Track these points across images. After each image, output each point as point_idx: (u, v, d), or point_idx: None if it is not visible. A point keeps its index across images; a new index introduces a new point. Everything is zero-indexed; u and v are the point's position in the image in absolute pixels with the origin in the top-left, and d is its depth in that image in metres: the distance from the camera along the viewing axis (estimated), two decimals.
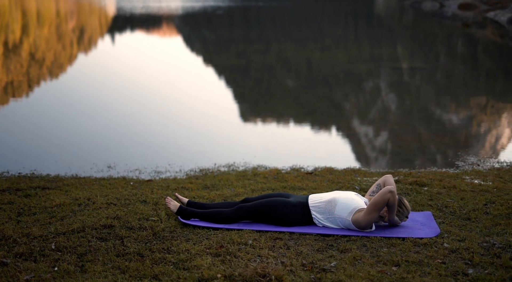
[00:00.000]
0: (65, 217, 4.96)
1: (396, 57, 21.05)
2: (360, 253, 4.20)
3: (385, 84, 15.05)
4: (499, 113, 11.65)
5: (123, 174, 6.84)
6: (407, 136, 9.57)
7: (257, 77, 16.51)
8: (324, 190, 5.84)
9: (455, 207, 5.24)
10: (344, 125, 10.58)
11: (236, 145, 8.55)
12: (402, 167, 7.43)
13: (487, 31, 32.04)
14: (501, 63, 20.21)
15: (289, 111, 11.21)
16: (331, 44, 25.95)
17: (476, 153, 7.78)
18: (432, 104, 12.61)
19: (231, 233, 4.62)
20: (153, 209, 5.19)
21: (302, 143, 8.90)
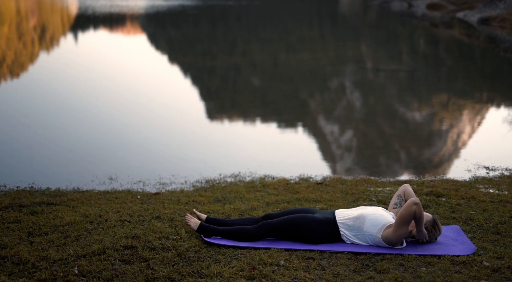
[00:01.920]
0: (79, 236, 4.69)
1: (363, 57, 21.11)
2: (399, 273, 4.04)
3: (351, 83, 15.12)
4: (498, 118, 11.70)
5: (126, 186, 6.57)
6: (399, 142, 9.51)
7: (223, 76, 16.31)
8: (340, 202, 5.68)
9: (481, 220, 5.13)
10: (336, 128, 10.47)
11: (237, 153, 8.33)
12: (407, 174, 7.33)
13: (455, 31, 32.44)
14: (465, 61, 20.43)
15: (256, 110, 11.17)
16: (296, 43, 25.91)
17: (482, 160, 7.72)
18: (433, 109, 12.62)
19: (259, 252, 4.42)
20: (170, 225, 4.95)
21: (300, 149, 8.74)
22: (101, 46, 22.76)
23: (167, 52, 22.27)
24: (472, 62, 20.44)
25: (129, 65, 17.58)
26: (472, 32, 30.52)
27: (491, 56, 21.52)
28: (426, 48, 25.48)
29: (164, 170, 7.11)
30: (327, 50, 23.24)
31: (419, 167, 7.93)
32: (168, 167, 7.29)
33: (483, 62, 20.43)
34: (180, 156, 7.98)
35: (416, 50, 24.27)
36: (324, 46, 24.94)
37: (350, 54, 21.78)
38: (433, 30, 32.67)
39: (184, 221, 5.06)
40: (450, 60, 21.07)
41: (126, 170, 7.12)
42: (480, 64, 19.92)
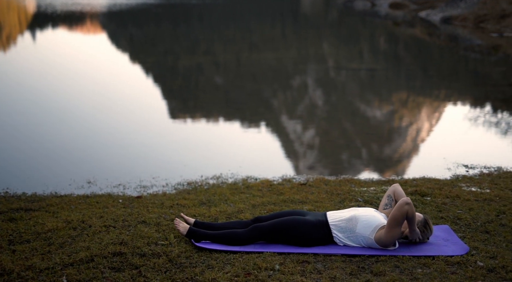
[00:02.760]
0: (64, 244, 4.52)
1: (326, 56, 21.24)
2: (396, 276, 4.00)
3: (313, 81, 15.19)
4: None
5: (106, 190, 6.39)
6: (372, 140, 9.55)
7: (186, 75, 16.17)
8: (326, 203, 5.63)
9: (469, 219, 5.14)
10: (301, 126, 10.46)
11: (216, 154, 8.21)
12: (390, 173, 7.34)
13: (416, 30, 32.89)
14: (426, 60, 20.72)
15: (221, 109, 11.13)
16: (259, 42, 25.90)
17: (460, 158, 7.79)
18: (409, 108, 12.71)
19: (252, 256, 4.33)
20: (157, 230, 4.82)
21: (277, 149, 8.68)
22: (60, 45, 22.30)
23: (128, 52, 21.94)
24: (432, 60, 20.72)
25: (90, 65, 17.25)
26: (434, 31, 30.98)
27: (451, 55, 21.85)
28: (388, 46, 25.78)
29: (144, 172, 6.94)
30: (290, 49, 23.26)
31: (397, 166, 7.97)
32: (147, 169, 7.13)
33: (443, 60, 20.72)
34: (159, 157, 7.82)
35: (378, 49, 24.53)
36: (287, 45, 24.96)
37: (313, 53, 21.85)
38: (395, 29, 33.06)
39: (171, 225, 4.94)
40: (411, 58, 21.33)
41: (104, 173, 6.93)
42: (440, 62, 20.20)
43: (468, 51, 22.39)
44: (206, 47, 22.91)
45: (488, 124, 10.20)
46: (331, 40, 27.50)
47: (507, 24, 27.94)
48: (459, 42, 25.89)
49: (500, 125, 10.22)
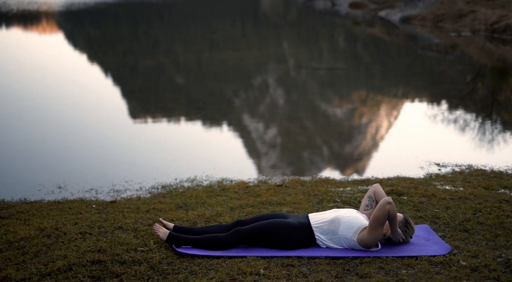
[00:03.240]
0: (39, 252, 4.36)
1: (287, 55, 21.30)
2: (382, 277, 3.98)
3: (273, 80, 15.23)
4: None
5: (78, 195, 6.22)
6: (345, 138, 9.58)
7: (146, 75, 16.02)
8: (305, 204, 5.59)
9: (447, 218, 5.17)
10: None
11: (188, 156, 8.09)
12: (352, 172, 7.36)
13: (376, 29, 33.29)
14: (384, 58, 21.00)
15: (181, 109, 11.08)
16: (220, 41, 25.81)
17: (431, 157, 7.86)
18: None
19: (235, 261, 4.25)
20: (135, 236, 4.70)
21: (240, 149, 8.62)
22: (15, 45, 21.74)
23: (86, 52, 21.52)
24: (391, 59, 21.00)
25: (47, 66, 16.85)
26: (392, 31, 31.39)
27: (409, 54, 22.18)
28: (348, 46, 26.02)
29: (116, 176, 6.78)
30: (251, 49, 23.23)
31: (368, 165, 7.99)
32: (119, 172, 6.96)
33: (401, 59, 21.02)
34: (129, 160, 7.65)
35: (338, 48, 24.73)
36: (248, 45, 24.92)
37: (273, 52, 21.87)
38: (355, 28, 33.39)
39: (150, 230, 4.82)
40: (370, 57, 21.56)
41: (74, 177, 6.74)
42: (398, 61, 20.48)
43: (425, 50, 22.75)
44: (167, 46, 22.73)
45: (449, 122, 10.35)
46: (291, 40, 27.58)
47: (464, 24, 28.46)
48: (417, 41, 26.28)
49: (461, 123, 10.37)
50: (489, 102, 12.78)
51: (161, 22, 34.72)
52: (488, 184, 6.37)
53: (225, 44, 24.34)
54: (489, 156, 8.03)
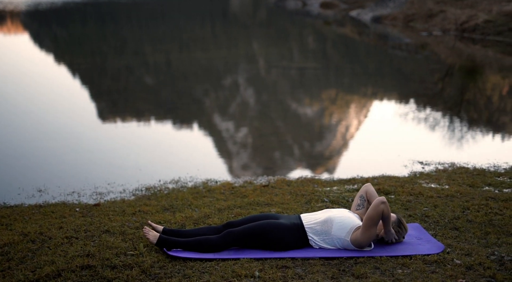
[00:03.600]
0: (24, 258, 4.22)
1: (257, 55, 21.30)
2: (378, 277, 3.94)
3: (244, 80, 15.21)
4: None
5: (60, 198, 6.05)
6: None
7: (114, 75, 15.82)
8: (293, 205, 5.53)
9: (436, 216, 5.16)
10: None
11: (170, 157, 7.97)
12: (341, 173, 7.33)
13: (347, 29, 33.50)
14: (355, 58, 21.14)
15: (151, 109, 11.05)
16: (189, 41, 25.65)
17: (414, 155, 7.88)
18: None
19: (228, 263, 4.17)
20: (123, 240, 4.58)
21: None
22: None
23: (53, 52, 21.14)
24: (361, 59, 21.14)
25: (12, 67, 16.50)
26: (363, 30, 31.62)
27: (379, 53, 22.37)
28: (318, 45, 26.12)
29: (98, 179, 6.63)
30: (221, 49, 23.11)
31: (353, 164, 7.98)
32: (101, 175, 6.81)
33: (371, 58, 21.17)
34: (111, 162, 7.50)
35: (309, 47, 24.80)
36: (221, 45, 24.80)
37: (243, 53, 21.82)
38: (326, 28, 33.54)
39: (138, 233, 4.72)
40: (340, 57, 21.68)
41: (55, 180, 6.57)
42: (368, 60, 20.63)
43: (396, 49, 22.95)
44: (135, 47, 22.50)
45: (421, 121, 10.43)
46: (262, 40, 27.57)
47: (434, 23, 28.79)
48: (387, 41, 26.50)
49: (433, 121, 10.45)
50: (459, 100, 12.93)
51: (129, 22, 34.38)
52: (472, 181, 6.40)
53: (194, 45, 24.18)
54: (469, 154, 8.08)
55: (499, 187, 6.21)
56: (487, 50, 21.69)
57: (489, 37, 24.03)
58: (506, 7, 26.01)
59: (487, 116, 11.37)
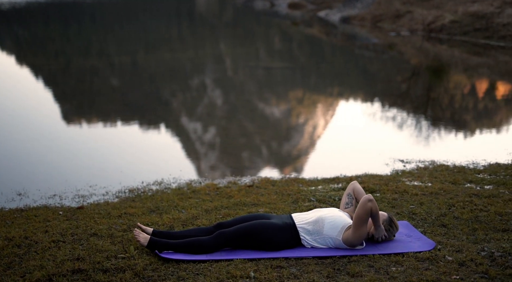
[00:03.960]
0: (11, 264, 4.11)
1: (224, 55, 21.27)
2: (373, 275, 3.95)
3: (211, 81, 15.17)
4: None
5: (41, 201, 5.92)
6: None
7: (79, 77, 15.60)
8: (280, 204, 5.51)
9: (423, 214, 5.20)
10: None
11: (150, 158, 7.88)
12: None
13: (314, 29, 33.70)
14: (321, 58, 21.31)
15: (118, 111, 10.98)
16: (155, 42, 25.45)
17: (394, 153, 7.95)
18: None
19: (222, 264, 4.13)
20: (112, 242, 4.50)
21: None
22: None
23: (15, 53, 20.70)
24: (328, 59, 21.30)
25: None
26: (331, 31, 31.83)
27: (346, 53, 22.57)
28: (286, 46, 26.21)
29: (80, 181, 6.51)
30: (189, 49, 22.97)
31: (336, 163, 8.00)
32: (82, 177, 6.68)
33: (338, 59, 21.35)
34: (90, 164, 7.37)
35: (276, 48, 24.86)
36: (186, 45, 24.66)
37: (210, 53, 21.73)
38: (293, 28, 33.67)
39: (126, 236, 4.64)
40: (307, 57, 21.78)
41: (34, 183, 6.42)
42: (335, 60, 20.80)
43: (363, 49, 23.18)
44: (100, 47, 22.23)
45: (388, 119, 10.57)
46: (229, 40, 27.52)
47: (402, 24, 29.13)
48: (355, 41, 26.75)
49: (404, 120, 10.59)
50: (425, 99, 13.13)
51: (93, 22, 33.94)
52: (454, 178, 6.47)
53: (161, 45, 23.98)
54: (448, 152, 8.16)
55: (480, 184, 6.29)
56: (454, 50, 22.06)
57: (456, 37, 24.43)
58: (471, 8, 26.48)
59: (454, 115, 11.54)
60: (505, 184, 6.20)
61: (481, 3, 26.87)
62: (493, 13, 24.70)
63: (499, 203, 5.43)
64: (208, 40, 27.41)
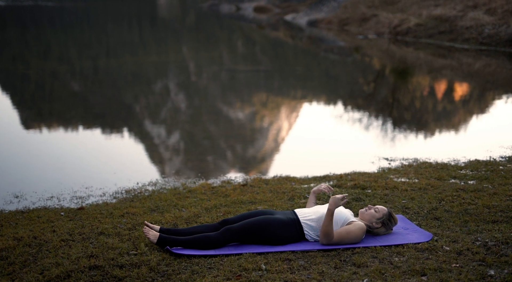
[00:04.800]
0: (26, 262, 4.19)
1: (187, 60, 21.40)
2: (379, 265, 4.15)
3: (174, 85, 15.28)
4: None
5: (39, 203, 5.97)
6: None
7: (37, 82, 15.52)
8: (277, 202, 5.68)
9: (415, 208, 5.45)
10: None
11: (138, 160, 7.97)
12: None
13: (280, 32, 34.08)
14: (285, 61, 21.64)
15: (77, 115, 11.03)
16: (116, 46, 25.39)
17: (379, 152, 8.21)
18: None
19: (232, 259, 4.28)
20: (121, 240, 4.62)
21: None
22: None
23: None
24: (291, 62, 21.63)
25: None
26: (296, 34, 32.23)
27: (311, 56, 22.94)
28: (250, 49, 26.47)
29: (75, 183, 6.57)
30: (152, 54, 22.96)
31: (327, 163, 8.22)
32: (77, 179, 6.74)
33: (303, 62, 21.70)
34: (86, 167, 7.43)
35: (240, 51, 25.10)
36: (151, 50, 24.65)
37: (174, 57, 21.77)
38: (259, 32, 33.96)
39: (133, 234, 4.76)
40: (271, 60, 22.07)
41: (30, 186, 6.46)
42: (299, 64, 21.13)
43: (328, 52, 23.59)
44: (60, 52, 22.08)
45: (365, 120, 10.89)
46: (193, 44, 27.62)
47: (368, 27, 29.68)
48: (321, 44, 27.15)
49: (368, 121, 10.94)
50: (391, 100, 13.53)
51: (52, 27, 33.59)
52: (438, 175, 6.76)
53: (122, 50, 23.91)
54: (428, 150, 8.47)
55: (464, 179, 6.58)
56: (419, 52, 22.62)
57: (421, 39, 25.03)
58: (434, 11, 27.15)
59: (426, 116, 11.92)
60: (487, 179, 6.50)
61: (444, 7, 27.58)
62: (456, 17, 25.39)
63: (485, 197, 5.72)
64: (171, 44, 27.44)
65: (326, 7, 36.14)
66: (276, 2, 48.20)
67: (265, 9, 48.01)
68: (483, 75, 16.75)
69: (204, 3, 54.76)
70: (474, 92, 14.76)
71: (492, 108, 12.47)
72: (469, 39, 22.83)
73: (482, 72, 17.13)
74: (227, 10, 49.58)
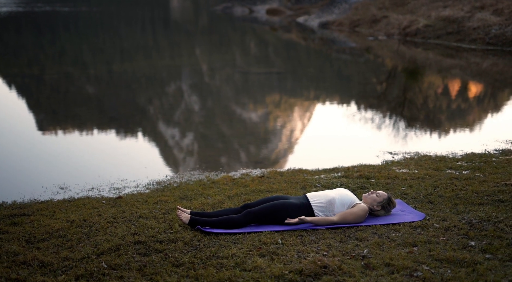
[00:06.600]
0: (80, 239, 4.99)
1: (204, 62, 22.09)
2: (378, 239, 4.91)
3: (188, 87, 15.95)
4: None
5: (82, 194, 6.79)
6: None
7: (53, 85, 16.21)
8: (291, 190, 6.44)
9: (413, 194, 6.19)
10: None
11: (167, 156, 8.78)
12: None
13: (293, 34, 34.81)
14: (297, 62, 22.35)
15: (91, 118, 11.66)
16: (131, 50, 26.13)
17: (384, 146, 8.96)
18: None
19: (253, 236, 5.05)
20: (157, 222, 5.40)
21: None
22: None
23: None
24: (304, 63, 22.31)
25: None
26: (309, 36, 32.95)
27: (324, 57, 23.64)
28: (263, 51, 27.18)
29: (112, 176, 7.40)
30: (165, 57, 23.57)
31: (333, 157, 8.98)
32: (113, 173, 7.57)
33: (314, 62, 22.39)
34: (118, 163, 8.27)
35: (252, 53, 25.81)
36: (164, 53, 25.34)
37: (187, 59, 22.38)
38: (272, 34, 34.69)
39: (168, 217, 5.54)
40: (284, 61, 22.76)
41: (72, 179, 7.30)
42: (311, 65, 21.82)
43: (340, 53, 24.29)
44: (75, 56, 22.84)
45: (374, 118, 11.59)
46: (207, 46, 28.29)
47: (379, 28, 30.35)
48: (333, 45, 27.83)
49: (387, 118, 11.66)
50: (402, 100, 14.24)
51: (67, 31, 34.50)
52: (436, 166, 7.50)
53: (136, 53, 24.68)
54: (430, 145, 9.21)
55: (459, 170, 7.32)
56: (428, 52, 23.27)
57: (430, 40, 25.67)
58: (443, 13, 27.75)
59: (433, 113, 12.64)
60: (480, 169, 7.24)
61: (452, 8, 28.19)
62: (463, 17, 26.00)
63: (475, 184, 6.46)
64: (184, 47, 28.18)
65: (337, 9, 36.87)
66: (288, 4, 49.02)
67: (277, 11, 48.82)
68: (492, 74, 17.43)
69: (217, 6, 55.61)
70: (483, 91, 15.44)
71: (495, 105, 13.17)
72: (476, 40, 23.45)
73: (490, 71, 17.80)
74: (240, 13, 50.40)
